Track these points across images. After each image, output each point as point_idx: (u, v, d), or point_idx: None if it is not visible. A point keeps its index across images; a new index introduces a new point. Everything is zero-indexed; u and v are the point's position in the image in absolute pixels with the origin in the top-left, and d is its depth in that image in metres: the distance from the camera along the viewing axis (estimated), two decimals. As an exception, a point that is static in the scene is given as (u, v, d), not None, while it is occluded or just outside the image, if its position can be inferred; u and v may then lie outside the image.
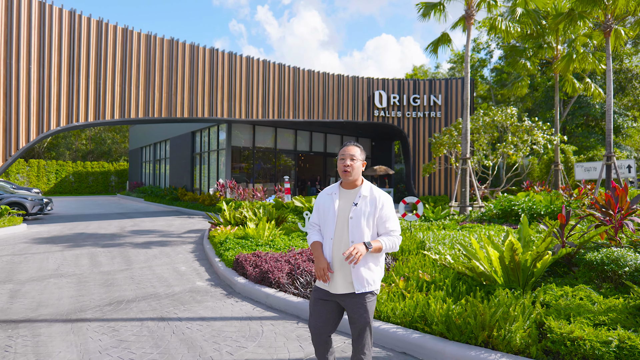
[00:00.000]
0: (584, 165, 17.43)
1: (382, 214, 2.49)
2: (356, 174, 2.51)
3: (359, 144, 2.61)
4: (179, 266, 6.97)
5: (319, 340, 2.53)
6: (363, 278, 2.43)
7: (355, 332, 2.50)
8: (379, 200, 2.50)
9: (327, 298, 2.50)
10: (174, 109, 14.39)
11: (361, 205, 2.47)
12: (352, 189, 2.55)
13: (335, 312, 2.53)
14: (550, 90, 24.00)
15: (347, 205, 2.50)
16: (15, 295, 5.18)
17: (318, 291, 2.55)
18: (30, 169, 32.12)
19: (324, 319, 2.50)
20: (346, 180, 2.52)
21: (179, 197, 20.97)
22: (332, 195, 2.56)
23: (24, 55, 11.42)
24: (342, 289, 2.44)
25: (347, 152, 2.51)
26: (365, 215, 2.46)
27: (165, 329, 4.01)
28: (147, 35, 13.87)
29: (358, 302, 2.43)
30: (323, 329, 2.50)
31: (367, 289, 2.44)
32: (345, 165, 2.48)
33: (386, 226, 2.50)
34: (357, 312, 2.44)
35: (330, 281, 2.45)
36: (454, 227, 9.37)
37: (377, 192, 2.54)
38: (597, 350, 2.85)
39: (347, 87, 19.19)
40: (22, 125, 11.34)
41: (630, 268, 4.00)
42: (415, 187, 20.44)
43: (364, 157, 2.58)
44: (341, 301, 2.48)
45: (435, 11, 12.59)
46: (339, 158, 2.56)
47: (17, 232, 11.20)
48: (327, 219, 2.52)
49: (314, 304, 2.54)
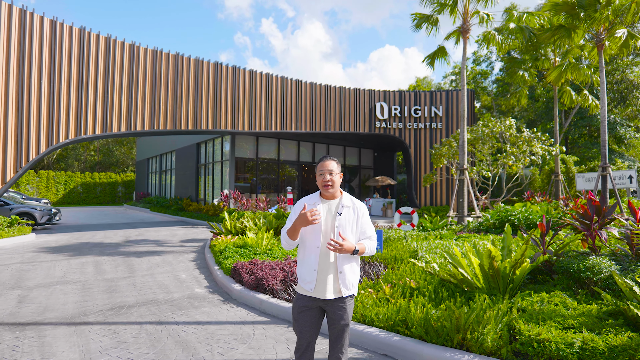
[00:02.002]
0: (585, 175, 17.50)
1: (362, 221, 2.72)
2: (336, 187, 2.72)
3: (334, 157, 2.80)
4: (179, 274, 7.22)
5: (305, 343, 2.66)
6: (349, 282, 2.61)
7: (334, 334, 2.65)
8: (360, 210, 2.74)
9: (311, 304, 2.62)
10: (179, 122, 14.80)
11: (345, 215, 2.67)
12: (333, 200, 2.74)
13: (319, 316, 2.68)
14: (550, 101, 24.18)
15: (330, 215, 2.68)
16: (23, 300, 5.46)
17: (302, 299, 2.62)
18: (39, 180, 32.77)
19: (310, 323, 2.63)
20: (328, 194, 2.72)
21: (184, 208, 21.31)
22: (315, 205, 2.70)
23: (35, 71, 11.91)
24: (330, 295, 2.58)
25: (325, 168, 2.69)
26: (350, 223, 2.67)
27: (163, 332, 4.25)
28: (153, 50, 14.36)
29: (340, 305, 2.60)
30: (310, 332, 2.64)
31: (351, 292, 2.63)
32: (325, 180, 2.67)
33: (367, 233, 2.72)
34: (338, 315, 2.60)
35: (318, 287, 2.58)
36: (450, 237, 9.53)
37: (357, 202, 2.77)
38: (562, 351, 3.04)
39: (349, 98, 19.54)
40: (32, 138, 11.77)
41: (605, 275, 4.17)
42: (417, 198, 20.60)
43: (340, 170, 2.78)
44: (324, 305, 2.63)
45: (428, 24, 12.92)
46: (317, 173, 2.74)
47: (26, 241, 11.55)
48: (311, 229, 2.65)
49: (300, 311, 2.64)
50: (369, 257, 6.76)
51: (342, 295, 2.59)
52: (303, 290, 2.64)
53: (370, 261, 6.51)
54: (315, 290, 2.59)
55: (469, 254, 4.61)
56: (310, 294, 2.61)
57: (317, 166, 2.77)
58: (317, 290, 2.59)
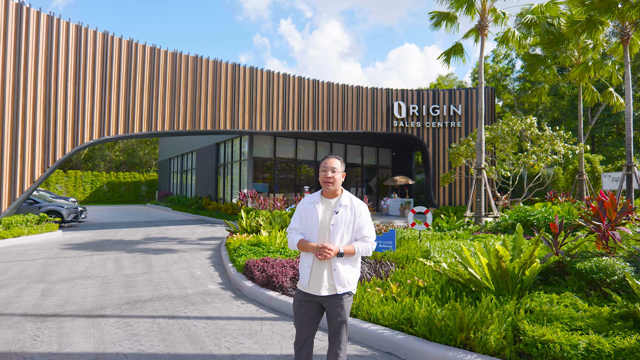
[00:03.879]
0: (611, 175, 16.91)
1: (359, 221, 2.74)
2: (337, 185, 2.76)
3: (340, 157, 2.85)
4: (195, 271, 7.40)
5: (303, 337, 2.73)
6: (343, 279, 2.66)
7: (333, 329, 2.71)
8: (358, 209, 2.75)
9: (309, 299, 2.71)
10: (198, 122, 15.12)
11: (342, 213, 2.71)
12: (332, 198, 2.78)
13: (317, 312, 2.75)
14: (575, 98, 23.43)
15: (328, 213, 2.74)
16: (46, 294, 5.72)
17: (300, 293, 2.72)
18: (68, 179, 34.03)
19: (308, 318, 2.71)
20: (328, 191, 2.76)
21: (204, 207, 21.73)
22: (315, 203, 2.77)
23: (62, 74, 12.40)
24: (324, 291, 2.65)
25: (328, 165, 2.75)
26: (345, 222, 2.70)
27: (174, 326, 4.39)
28: (173, 52, 14.72)
29: (337, 302, 2.66)
30: (307, 326, 2.72)
31: (346, 289, 2.67)
32: (327, 177, 2.72)
33: (363, 233, 2.73)
34: (335, 311, 2.66)
35: (311, 283, 2.66)
36: (466, 237, 9.41)
37: (356, 201, 2.80)
38: (566, 353, 2.99)
39: (366, 98, 19.49)
40: (59, 139, 12.27)
41: (619, 277, 4.06)
42: (435, 198, 20.36)
43: (343, 169, 2.83)
44: (322, 301, 2.70)
45: (447, 21, 12.75)
46: (320, 170, 2.80)
47: (52, 238, 12.06)
48: (310, 226, 2.74)
49: (298, 305, 2.74)
50: (381, 257, 6.76)
51: (337, 292, 2.63)
52: (300, 286, 2.73)
53: (382, 260, 6.52)
54: (310, 286, 2.66)
55: (478, 253, 4.56)
56: (305, 289, 2.68)
57: (321, 163, 2.82)
58: (311, 287, 2.66)
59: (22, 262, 8.18)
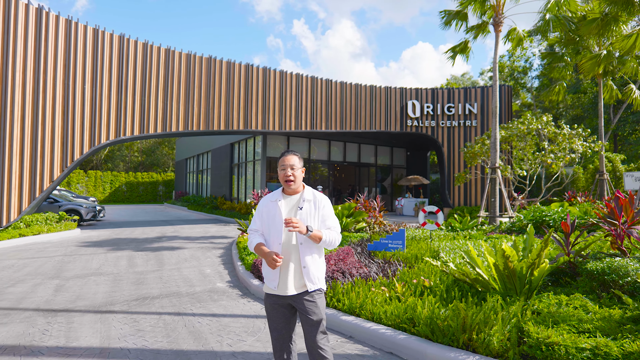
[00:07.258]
0: (634, 174, 16.33)
1: (323, 212, 2.70)
2: (298, 182, 2.72)
3: (297, 152, 2.79)
4: (204, 269, 7.48)
5: (281, 340, 2.65)
6: (313, 276, 2.60)
7: (309, 329, 2.57)
8: (321, 202, 2.71)
9: (280, 302, 2.59)
10: (211, 122, 15.29)
11: (306, 209, 2.66)
12: (294, 195, 2.74)
13: (292, 313, 2.67)
14: (597, 96, 22.74)
15: (292, 210, 2.68)
16: (59, 289, 5.87)
17: (271, 297, 2.62)
18: (88, 179, 34.91)
19: (283, 320, 2.63)
20: (289, 189, 2.71)
21: (218, 206, 21.97)
22: (277, 202, 2.70)
23: (79, 76, 12.72)
24: (293, 290, 2.56)
25: (287, 163, 2.69)
26: (310, 217, 2.66)
27: (179, 322, 4.44)
28: (187, 54, 14.92)
29: (309, 300, 2.58)
30: (285, 328, 2.64)
31: (317, 286, 2.61)
32: (287, 175, 2.67)
33: (327, 224, 2.69)
34: (309, 309, 2.56)
35: (281, 284, 2.57)
36: (480, 237, 9.23)
37: (319, 195, 2.76)
38: (572, 356, 2.90)
39: (379, 97, 19.37)
40: (77, 139, 12.59)
41: (632, 278, 3.91)
42: (450, 197, 20.07)
43: (302, 164, 2.77)
44: (292, 302, 2.61)
45: (457, 20, 12.54)
46: (279, 168, 2.74)
47: (71, 236, 12.38)
48: (274, 225, 2.65)
49: (271, 309, 2.64)
50: (390, 257, 6.69)
51: (308, 289, 2.57)
52: (268, 289, 2.63)
53: (390, 260, 6.45)
54: (279, 287, 2.57)
55: (486, 253, 4.47)
56: (274, 292, 2.59)
57: (279, 161, 2.75)
58: (281, 288, 2.57)
59: (40, 259, 8.42)
